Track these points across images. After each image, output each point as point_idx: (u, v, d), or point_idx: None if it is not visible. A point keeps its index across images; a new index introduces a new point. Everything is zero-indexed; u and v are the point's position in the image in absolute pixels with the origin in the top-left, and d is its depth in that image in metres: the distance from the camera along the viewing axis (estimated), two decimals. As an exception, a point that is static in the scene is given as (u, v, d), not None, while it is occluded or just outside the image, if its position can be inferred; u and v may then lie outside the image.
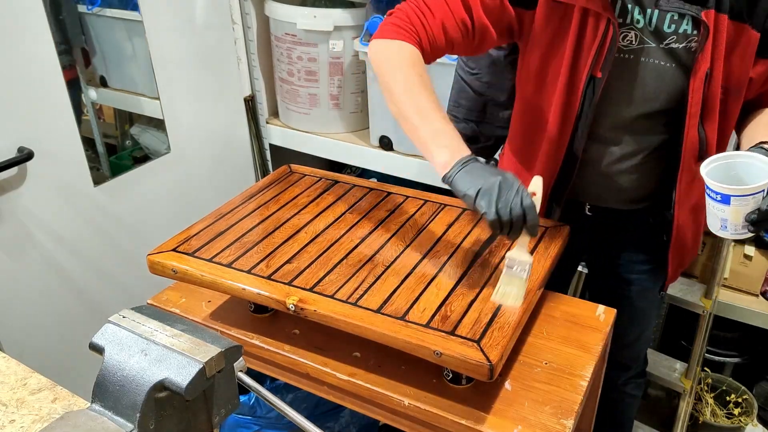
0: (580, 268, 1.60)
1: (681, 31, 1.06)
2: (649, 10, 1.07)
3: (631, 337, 1.44)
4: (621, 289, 1.37)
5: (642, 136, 1.16)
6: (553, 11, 1.09)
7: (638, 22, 1.08)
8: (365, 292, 0.98)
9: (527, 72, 1.18)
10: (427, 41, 1.09)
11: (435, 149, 0.98)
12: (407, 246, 1.10)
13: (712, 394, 2.07)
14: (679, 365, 1.79)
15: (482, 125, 1.47)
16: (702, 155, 1.13)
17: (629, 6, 1.07)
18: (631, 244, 1.33)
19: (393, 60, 1.06)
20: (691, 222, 1.25)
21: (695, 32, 1.05)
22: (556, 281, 1.31)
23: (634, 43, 1.08)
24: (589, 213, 1.29)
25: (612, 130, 1.16)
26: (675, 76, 1.08)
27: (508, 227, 0.92)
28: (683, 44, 1.06)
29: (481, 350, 0.85)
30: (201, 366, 0.59)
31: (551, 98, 1.15)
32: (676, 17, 1.06)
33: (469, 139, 1.44)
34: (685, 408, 1.79)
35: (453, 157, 0.96)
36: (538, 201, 0.94)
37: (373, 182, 1.34)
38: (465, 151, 0.98)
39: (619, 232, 1.31)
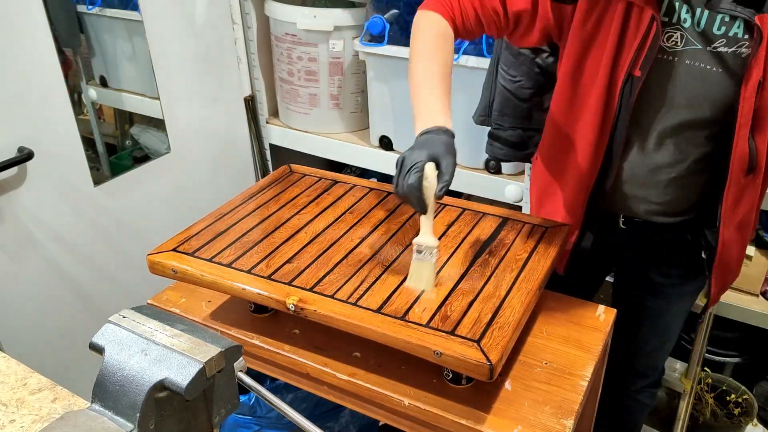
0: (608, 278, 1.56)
1: (731, 34, 1.00)
2: (698, 10, 1.00)
3: (651, 348, 1.43)
4: (647, 299, 1.34)
5: (685, 146, 1.10)
6: (595, 3, 1.04)
7: (685, 21, 1.01)
8: (365, 292, 0.98)
9: (564, 73, 1.13)
10: (460, 17, 1.10)
11: (417, 117, 1.00)
12: (407, 246, 1.09)
13: (712, 394, 2.07)
14: (679, 365, 1.79)
15: (529, 131, 1.46)
16: (751, 169, 1.08)
17: (676, 4, 1.01)
18: (663, 258, 1.28)
19: (421, 29, 1.10)
20: (737, 239, 1.17)
21: (747, 37, 0.99)
22: (582, 291, 1.27)
23: (679, 44, 1.03)
24: (623, 226, 1.24)
25: (652, 137, 1.11)
26: (722, 82, 1.02)
27: (405, 201, 0.94)
28: (732, 48, 1.00)
29: (481, 350, 0.85)
30: (201, 366, 0.59)
31: (586, 99, 1.11)
32: (727, 19, 1.00)
33: (516, 146, 1.42)
34: (685, 408, 1.79)
35: (421, 128, 0.97)
36: (431, 186, 0.92)
37: (373, 182, 1.34)
38: (435, 122, 0.97)
39: (652, 246, 1.27)
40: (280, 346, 1.06)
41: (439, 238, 1.12)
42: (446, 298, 0.96)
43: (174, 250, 1.09)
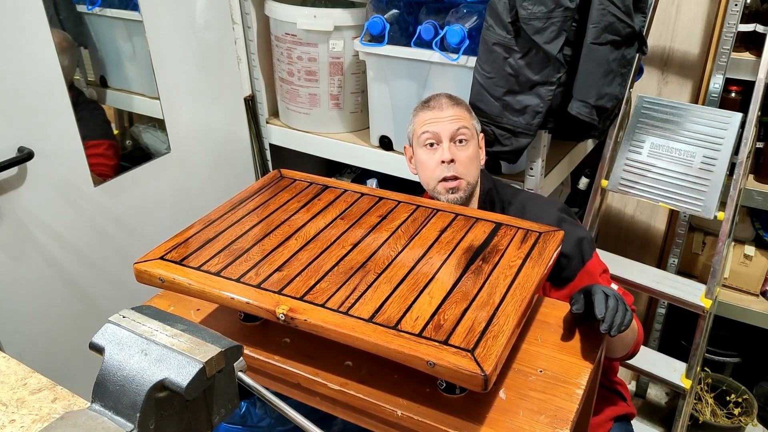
0: None
1: None
2: None
3: None
4: None
5: None
6: None
7: None
8: (357, 300, 0.95)
9: None
10: None
11: None
12: (399, 252, 1.07)
13: (712, 394, 2.07)
14: (679, 365, 1.79)
15: (500, 130, 1.48)
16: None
17: None
18: None
19: None
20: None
21: None
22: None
23: None
24: None
25: None
26: None
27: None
28: None
29: (475, 360, 0.82)
30: (201, 366, 0.59)
31: None
32: None
33: (486, 143, 1.47)
34: (685, 408, 1.79)
35: None
36: None
37: (365, 187, 1.31)
38: None
39: None
40: (271, 355, 1.04)
41: (432, 245, 1.09)
42: (439, 306, 0.93)
43: (161, 258, 1.06)
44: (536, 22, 1.34)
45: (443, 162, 1.31)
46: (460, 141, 1.32)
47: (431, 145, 1.33)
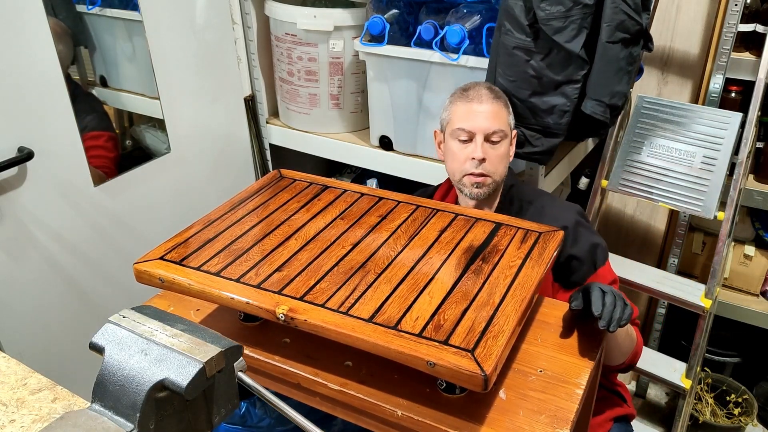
0: None
1: None
2: None
3: None
4: None
5: None
6: None
7: None
8: (357, 300, 0.95)
9: None
10: None
11: None
12: (399, 252, 1.07)
13: (712, 394, 2.07)
14: (679, 365, 1.79)
15: (530, 131, 1.48)
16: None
17: None
18: None
19: None
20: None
21: None
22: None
23: None
24: None
25: None
26: None
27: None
28: None
29: (475, 360, 0.83)
30: (201, 366, 0.59)
31: None
32: None
33: (517, 144, 1.45)
34: (685, 408, 1.79)
35: None
36: None
37: (365, 187, 1.31)
38: None
39: None
40: (271, 355, 1.03)
41: (432, 245, 1.09)
42: (439, 306, 0.93)
43: (161, 258, 1.06)
44: (555, 22, 1.34)
45: (474, 159, 1.30)
46: (494, 141, 1.31)
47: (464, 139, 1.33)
